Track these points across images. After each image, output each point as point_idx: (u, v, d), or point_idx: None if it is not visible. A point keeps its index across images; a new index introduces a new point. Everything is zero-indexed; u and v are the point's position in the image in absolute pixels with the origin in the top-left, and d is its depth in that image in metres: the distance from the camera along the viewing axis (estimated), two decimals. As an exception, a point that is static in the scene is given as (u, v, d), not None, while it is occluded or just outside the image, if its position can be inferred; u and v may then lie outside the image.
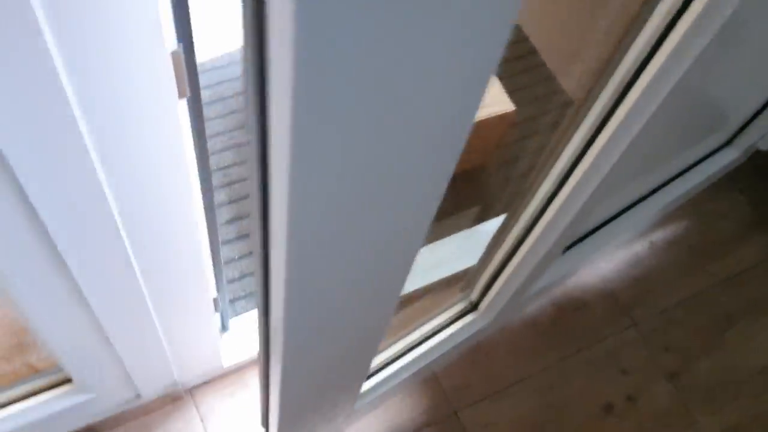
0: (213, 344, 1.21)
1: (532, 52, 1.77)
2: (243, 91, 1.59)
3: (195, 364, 1.26)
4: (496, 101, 1.43)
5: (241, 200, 1.49)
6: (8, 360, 1.18)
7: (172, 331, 1.08)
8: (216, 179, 1.51)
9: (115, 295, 0.91)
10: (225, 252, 1.43)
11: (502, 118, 1.44)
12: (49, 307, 0.88)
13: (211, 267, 1.05)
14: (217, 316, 1.25)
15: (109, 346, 1.03)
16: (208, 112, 1.59)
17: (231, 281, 1.40)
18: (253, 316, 1.37)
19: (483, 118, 1.41)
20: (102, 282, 0.86)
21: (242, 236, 1.46)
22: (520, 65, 1.75)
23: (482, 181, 1.59)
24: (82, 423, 1.23)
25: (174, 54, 0.59)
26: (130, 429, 1.28)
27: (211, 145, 1.55)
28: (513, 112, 1.43)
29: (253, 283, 1.41)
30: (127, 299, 0.93)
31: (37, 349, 1.19)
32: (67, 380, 1.15)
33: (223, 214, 1.47)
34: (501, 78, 1.71)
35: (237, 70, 1.65)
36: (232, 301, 1.39)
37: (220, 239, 1.43)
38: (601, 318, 1.49)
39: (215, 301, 1.12)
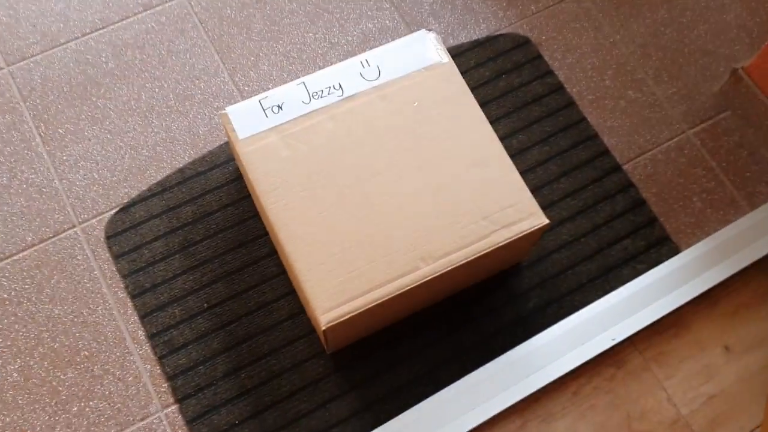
0: None
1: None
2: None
3: None
4: (529, 214, 1.16)
5: (239, 345, 1.28)
6: None
7: None
8: (207, 321, 1.29)
9: None
10: (223, 415, 1.23)
11: (534, 233, 1.18)
12: None
13: None
14: None
15: None
16: (192, 234, 1.36)
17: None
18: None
19: (516, 236, 1.15)
20: None
21: (242, 393, 1.25)
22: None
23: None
24: None
25: None
26: None
27: (198, 276, 1.32)
28: (546, 225, 1.17)
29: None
30: None
31: None
32: None
33: (218, 366, 1.26)
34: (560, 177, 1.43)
35: (224, 173, 1.40)
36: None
37: (210, 401, 1.19)
38: None
39: None
